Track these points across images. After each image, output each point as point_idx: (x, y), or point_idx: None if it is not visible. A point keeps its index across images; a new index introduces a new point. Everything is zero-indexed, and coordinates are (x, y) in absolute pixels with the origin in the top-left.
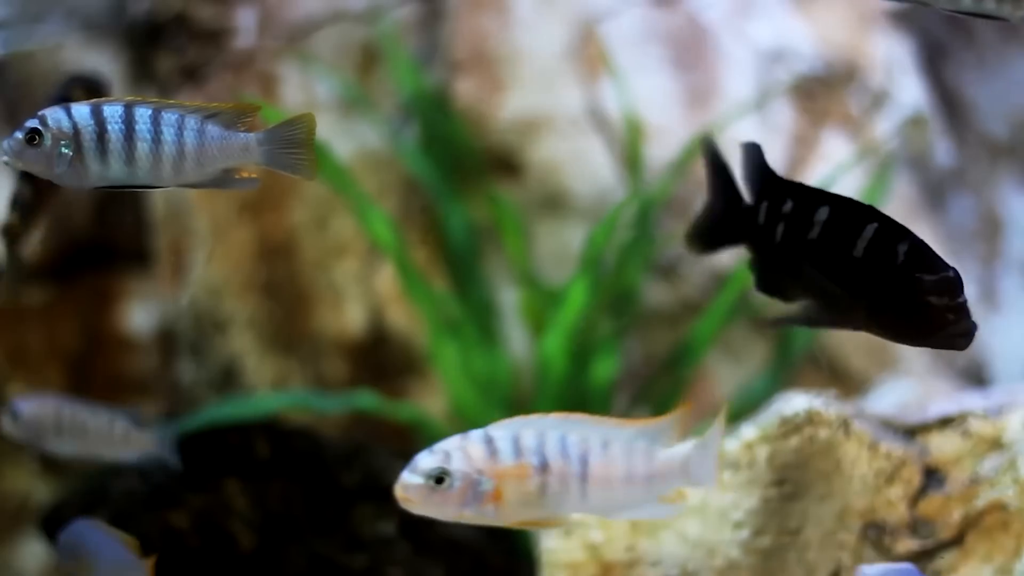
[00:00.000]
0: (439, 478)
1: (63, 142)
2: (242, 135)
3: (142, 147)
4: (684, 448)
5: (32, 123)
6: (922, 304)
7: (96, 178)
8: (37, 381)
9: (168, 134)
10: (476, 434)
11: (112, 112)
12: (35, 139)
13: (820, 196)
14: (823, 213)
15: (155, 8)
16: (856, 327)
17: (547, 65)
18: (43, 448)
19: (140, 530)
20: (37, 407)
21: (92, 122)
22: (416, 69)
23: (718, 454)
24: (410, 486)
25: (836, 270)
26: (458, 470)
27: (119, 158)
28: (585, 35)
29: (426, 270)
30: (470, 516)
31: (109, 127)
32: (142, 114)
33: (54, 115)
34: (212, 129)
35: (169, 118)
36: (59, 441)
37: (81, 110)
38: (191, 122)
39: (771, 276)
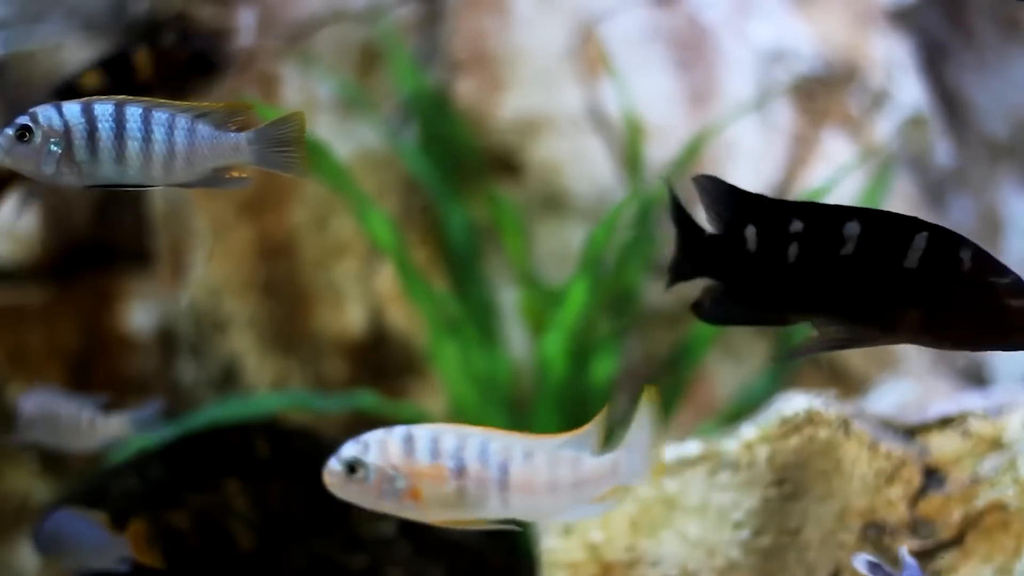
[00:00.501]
0: (353, 467)
1: (53, 140)
2: (232, 134)
3: (132, 146)
4: (614, 453)
5: (22, 120)
6: (998, 308)
7: (86, 177)
8: (37, 381)
9: (159, 133)
10: (399, 431)
11: (103, 110)
12: (25, 136)
13: (841, 211)
14: (854, 228)
15: (155, 8)
16: (896, 341)
17: (547, 65)
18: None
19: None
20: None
21: (83, 120)
22: (416, 69)
23: (651, 450)
24: (331, 471)
25: (882, 284)
26: (372, 463)
27: (109, 157)
28: (585, 35)
29: (426, 270)
30: (390, 509)
31: (99, 125)
32: (132, 113)
33: (44, 113)
34: (203, 128)
35: (160, 117)
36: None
37: (72, 108)
38: (182, 121)
39: (747, 305)
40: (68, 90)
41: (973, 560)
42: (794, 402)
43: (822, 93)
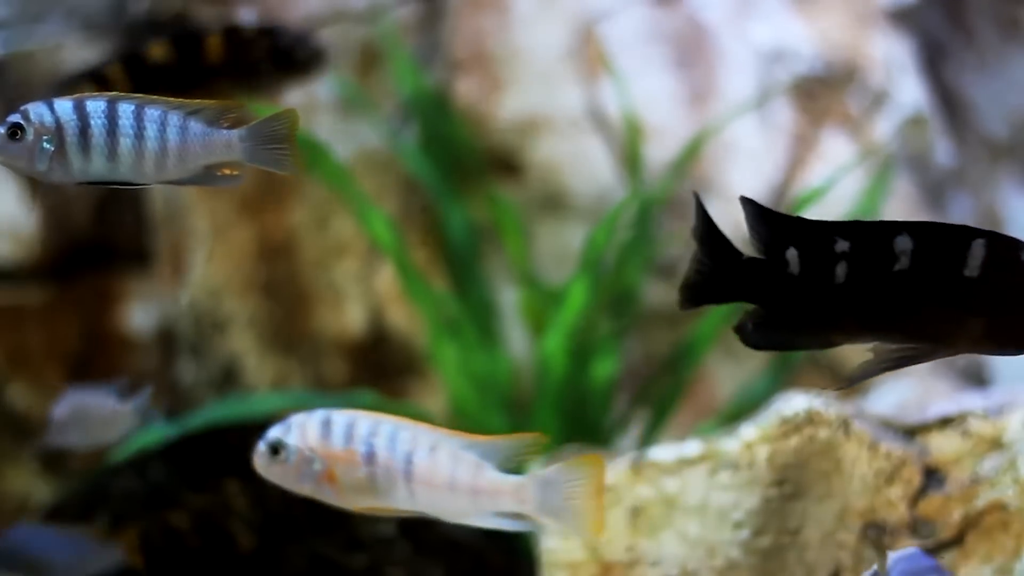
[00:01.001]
0: (276, 449)
1: (45, 137)
2: (224, 132)
3: (125, 143)
4: (521, 478)
5: (14, 118)
6: None
7: (78, 174)
8: (37, 381)
9: (151, 130)
10: (319, 414)
11: (95, 107)
12: (17, 134)
13: (888, 227)
14: (906, 242)
15: (155, 8)
16: (957, 352)
17: (547, 65)
18: None
19: (140, 530)
20: None
21: (75, 117)
22: (416, 69)
23: (585, 504)
24: (258, 452)
25: (943, 297)
26: (293, 445)
27: (101, 154)
28: (585, 35)
29: (426, 270)
30: (310, 492)
31: (92, 122)
32: (125, 110)
33: (36, 110)
34: (195, 126)
35: (152, 114)
36: None
37: (64, 105)
38: (174, 118)
39: (791, 329)
40: (134, 59)
41: (973, 560)
42: (794, 402)
43: (822, 93)
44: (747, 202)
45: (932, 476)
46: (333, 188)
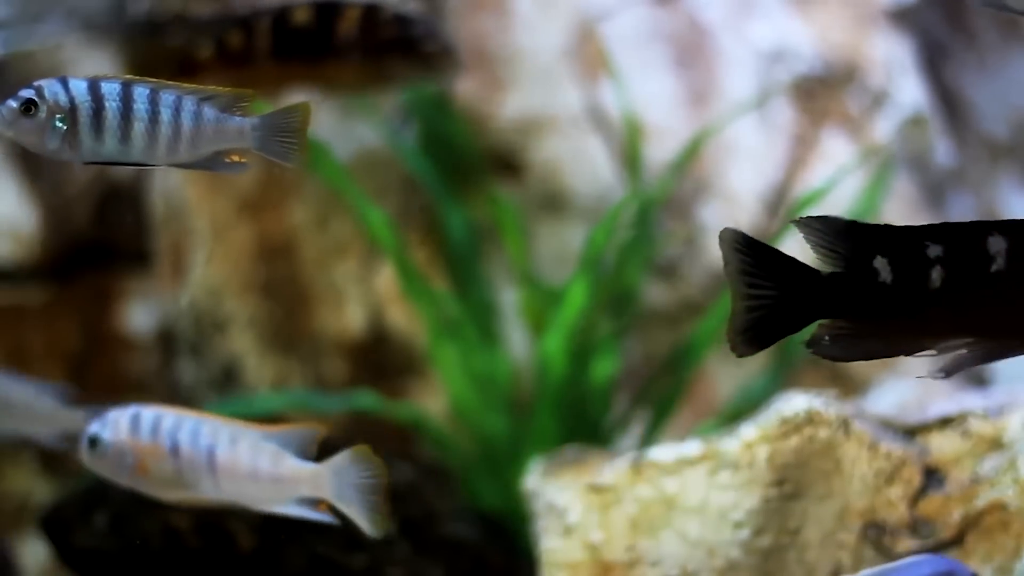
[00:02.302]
0: (93, 443)
1: (58, 116)
2: (238, 119)
3: (138, 126)
4: (317, 465)
5: (28, 93)
6: None
7: (88, 154)
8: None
9: (165, 114)
10: (131, 410)
11: (110, 89)
12: (30, 110)
13: (977, 228)
14: (999, 242)
15: (155, 8)
16: None
17: (547, 65)
18: None
19: (140, 530)
20: None
21: (89, 98)
22: None
23: (371, 493)
24: (81, 446)
25: None
26: (107, 439)
27: (114, 135)
28: (585, 35)
29: (426, 270)
30: (127, 483)
31: (107, 104)
32: (140, 93)
33: (51, 87)
34: (208, 112)
35: (167, 99)
36: None
37: (79, 85)
38: (188, 103)
39: (880, 338)
40: (281, 17)
41: (973, 560)
42: (794, 402)
43: (822, 93)
44: (817, 218)
45: (932, 476)
46: (333, 188)
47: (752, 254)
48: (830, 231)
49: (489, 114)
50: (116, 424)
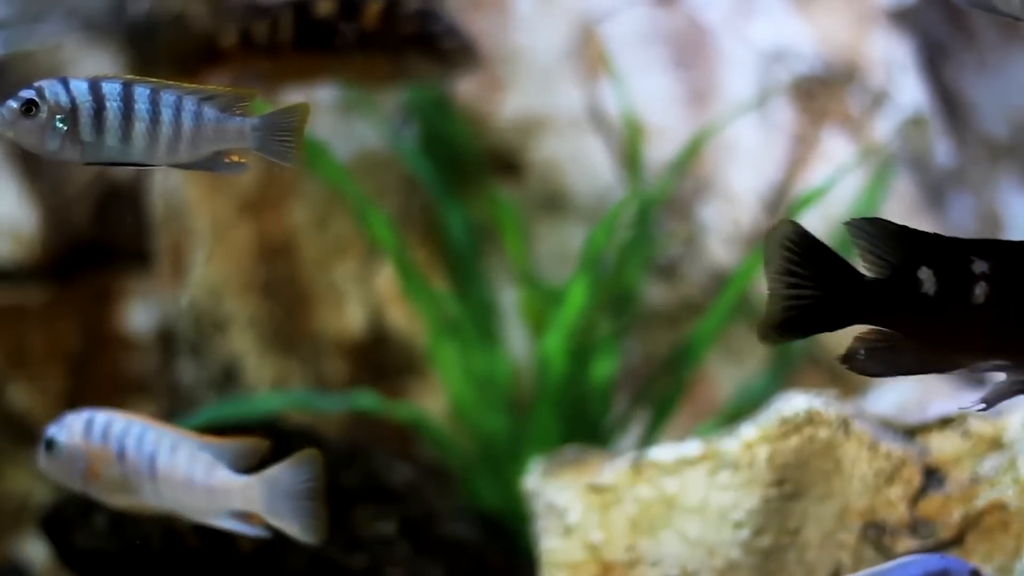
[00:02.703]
0: (50, 445)
1: (59, 116)
2: (238, 119)
3: (139, 126)
4: (249, 478)
5: (28, 94)
6: None
7: (88, 155)
8: (37, 381)
9: (166, 114)
10: (85, 414)
11: (111, 89)
12: (31, 110)
13: (1021, 248)
14: None
15: (155, 8)
16: None
17: (547, 65)
18: None
19: (140, 530)
20: None
21: (90, 98)
22: None
23: (298, 495)
24: (39, 452)
25: None
26: (61, 442)
27: (115, 136)
28: (585, 35)
29: (426, 270)
30: (80, 487)
31: (108, 104)
32: (141, 93)
33: (52, 88)
34: (208, 112)
35: (167, 98)
36: None
37: (79, 85)
38: (188, 103)
39: (918, 351)
40: (303, 8)
41: (973, 560)
42: (794, 402)
43: (822, 93)
44: (869, 221)
45: (932, 476)
46: (333, 188)
47: (800, 247)
48: (880, 235)
49: (489, 114)
50: (71, 428)
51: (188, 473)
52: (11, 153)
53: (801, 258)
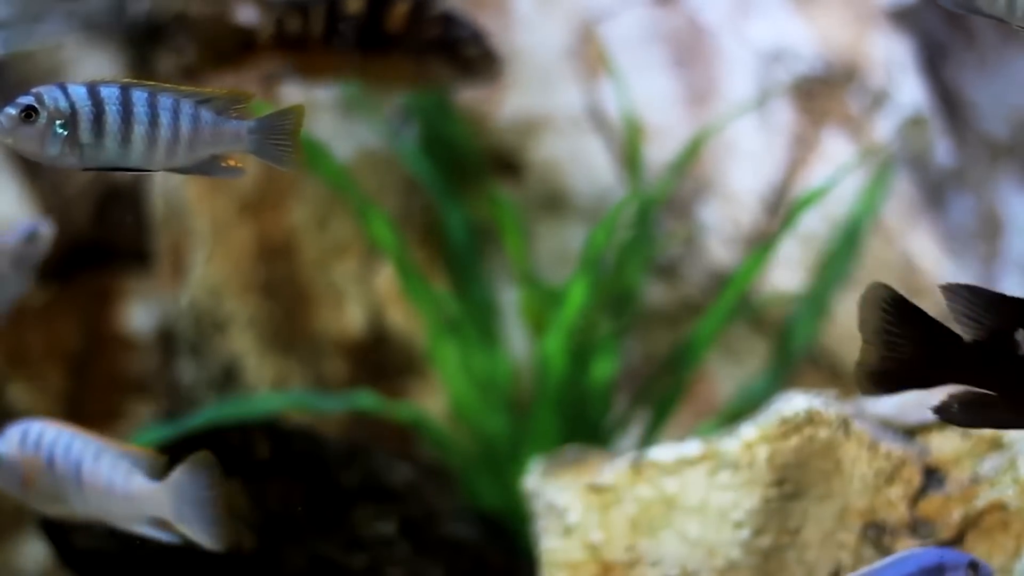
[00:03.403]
0: None
1: (59, 121)
2: (234, 122)
3: (138, 130)
4: (157, 484)
5: (27, 100)
6: None
7: (88, 160)
8: (37, 381)
9: (164, 118)
10: (22, 425)
11: (109, 94)
12: (30, 116)
13: None
14: None
15: (155, 8)
16: None
17: (547, 65)
18: None
19: None
20: None
21: (89, 103)
22: None
23: (202, 502)
24: None
25: None
26: (3, 452)
27: (114, 140)
28: (585, 35)
29: (426, 270)
30: (20, 496)
31: (107, 108)
32: (139, 97)
33: (51, 93)
34: (206, 115)
35: (165, 102)
36: None
37: (78, 90)
38: (186, 107)
39: (1014, 409)
40: (335, 4)
41: None
42: (794, 402)
43: (822, 93)
44: (961, 287)
45: (932, 476)
46: (333, 188)
47: (897, 309)
48: (976, 301)
49: (489, 114)
50: (10, 438)
51: (109, 480)
52: (11, 153)
53: (899, 320)
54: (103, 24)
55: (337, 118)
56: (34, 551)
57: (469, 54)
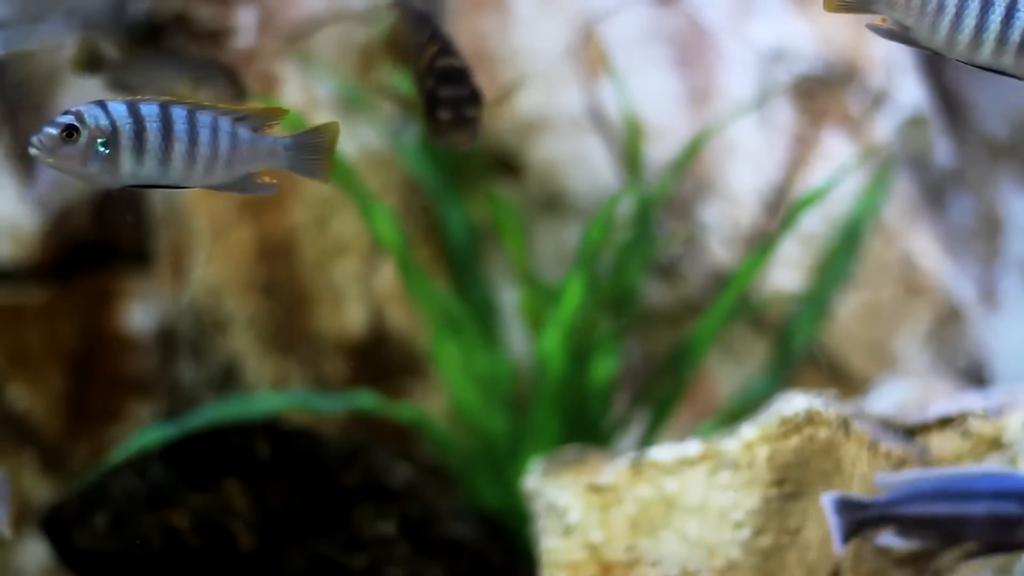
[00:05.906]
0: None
1: (100, 140)
2: (270, 139)
3: (178, 148)
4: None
5: (67, 119)
6: None
7: (128, 177)
8: (37, 381)
9: (204, 135)
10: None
11: (150, 111)
12: (71, 135)
13: None
14: None
15: (155, 8)
16: None
17: (547, 65)
18: None
19: (140, 530)
20: None
21: (130, 120)
22: None
23: None
24: None
25: None
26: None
27: (155, 158)
28: (585, 35)
29: (426, 270)
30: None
31: (148, 126)
32: (179, 114)
33: (91, 112)
34: (243, 132)
35: (204, 119)
36: None
37: (118, 108)
38: (224, 124)
39: None
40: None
41: (972, 560)
42: (794, 402)
43: (822, 93)
44: None
45: None
46: (336, 187)
47: None
48: None
49: (489, 114)
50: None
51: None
52: (11, 153)
53: None
54: (103, 24)
55: (337, 118)
56: (34, 551)
57: (441, 117)
